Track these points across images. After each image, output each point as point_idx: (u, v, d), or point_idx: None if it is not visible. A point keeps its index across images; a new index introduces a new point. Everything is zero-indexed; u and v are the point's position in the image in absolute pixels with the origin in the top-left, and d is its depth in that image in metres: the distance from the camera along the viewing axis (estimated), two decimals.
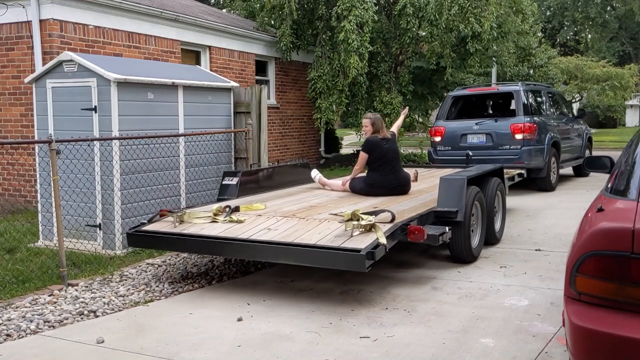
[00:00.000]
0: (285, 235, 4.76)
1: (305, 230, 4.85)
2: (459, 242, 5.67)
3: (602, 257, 2.49)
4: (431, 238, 4.99)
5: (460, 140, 10.82)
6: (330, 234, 4.68)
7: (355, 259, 4.27)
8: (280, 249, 4.62)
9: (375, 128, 6.55)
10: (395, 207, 5.53)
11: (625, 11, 39.63)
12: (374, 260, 4.29)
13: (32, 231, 7.20)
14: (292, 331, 4.15)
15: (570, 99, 29.09)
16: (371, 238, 4.46)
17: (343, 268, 4.50)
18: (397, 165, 6.61)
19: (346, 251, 4.35)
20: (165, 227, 5.35)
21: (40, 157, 6.99)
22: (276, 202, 6.19)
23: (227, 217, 5.34)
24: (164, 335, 4.13)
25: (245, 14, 18.87)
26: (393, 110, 14.32)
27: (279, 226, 5.03)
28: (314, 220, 5.11)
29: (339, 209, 5.58)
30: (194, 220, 5.37)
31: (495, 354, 3.68)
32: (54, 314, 4.62)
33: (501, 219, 6.96)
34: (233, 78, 12.68)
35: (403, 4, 13.37)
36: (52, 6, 9.06)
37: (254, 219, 5.31)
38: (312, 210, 5.64)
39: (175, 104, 7.39)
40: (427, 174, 8.75)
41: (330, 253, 4.40)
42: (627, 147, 3.59)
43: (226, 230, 5.05)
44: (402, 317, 4.38)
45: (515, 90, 10.78)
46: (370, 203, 5.98)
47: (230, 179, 6.73)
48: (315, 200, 6.38)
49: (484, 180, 6.57)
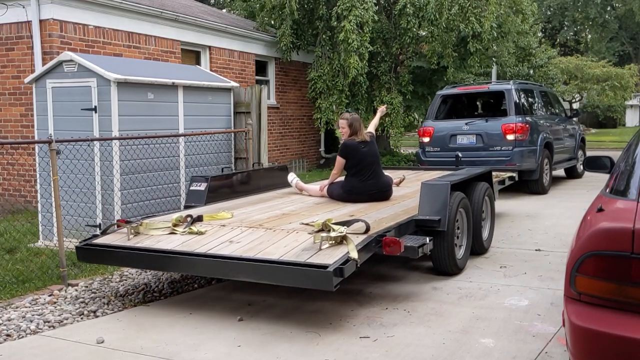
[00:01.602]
0: (247, 249, 4.30)
1: (271, 242, 4.41)
2: (442, 254, 5.21)
3: (602, 257, 2.49)
4: (409, 250, 4.51)
5: (450, 141, 10.40)
6: (297, 247, 4.25)
7: (321, 276, 3.83)
8: (239, 265, 4.16)
9: (352, 130, 6.10)
10: (374, 215, 5.23)
11: (625, 11, 39.65)
12: (342, 278, 3.85)
13: (32, 231, 7.20)
14: (292, 331, 4.15)
15: (570, 99, 29.12)
16: (341, 252, 4.04)
17: (308, 286, 4.08)
18: (378, 170, 6.17)
19: (311, 267, 3.91)
20: (118, 239, 4.84)
21: (40, 157, 6.99)
22: (246, 210, 5.74)
23: (186, 228, 4.87)
24: (164, 336, 4.13)
25: (245, 14, 18.87)
26: (393, 110, 14.33)
27: (243, 238, 4.58)
28: (281, 231, 4.68)
29: (312, 217, 5.19)
30: (151, 231, 4.87)
31: (495, 354, 3.68)
32: (54, 314, 4.62)
33: (490, 227, 6.50)
34: (233, 78, 12.68)
35: (403, 4, 13.37)
36: (52, 6, 9.06)
37: (217, 230, 4.85)
38: (282, 219, 5.21)
39: (175, 104, 7.39)
40: (414, 177, 8.27)
41: (294, 269, 3.96)
42: (627, 147, 3.59)
43: (183, 243, 4.59)
44: (402, 317, 4.38)
45: (507, 89, 10.39)
46: (347, 210, 5.59)
47: (198, 185, 6.25)
48: (289, 207, 5.93)
49: (470, 185, 6.15)
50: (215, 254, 4.32)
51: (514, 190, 10.05)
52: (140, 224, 4.96)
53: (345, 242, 4.17)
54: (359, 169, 6.05)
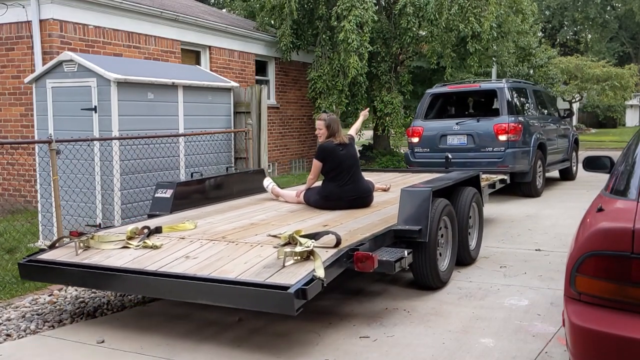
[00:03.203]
0: (203, 267, 3.88)
1: (231, 258, 3.99)
2: (423, 267, 4.77)
3: (602, 257, 2.49)
4: (385, 265, 4.07)
5: (440, 142, 9.99)
6: (258, 263, 3.84)
7: (280, 298, 3.41)
8: (191, 285, 3.73)
9: (330, 132, 5.73)
10: (349, 225, 4.87)
11: (625, 11, 39.65)
12: (305, 300, 3.43)
13: (32, 231, 7.20)
14: (291, 331, 4.16)
15: (570, 99, 29.12)
16: (307, 269, 3.63)
17: (267, 310, 3.63)
18: (357, 174, 5.77)
19: (270, 288, 3.47)
20: (65, 254, 4.42)
21: (40, 157, 6.99)
22: (212, 219, 5.31)
23: (141, 241, 4.45)
24: (164, 336, 4.13)
25: (245, 14, 18.88)
26: (393, 109, 14.34)
27: (201, 253, 4.17)
28: (245, 245, 4.27)
29: (283, 227, 4.80)
30: (102, 245, 4.48)
31: (495, 354, 3.68)
32: (53, 314, 4.62)
33: (477, 235, 6.05)
34: (233, 78, 12.68)
35: (403, 4, 13.38)
36: (52, 6, 9.06)
37: (174, 244, 4.45)
38: (249, 230, 4.78)
39: (175, 104, 7.39)
40: (401, 180, 7.79)
41: (251, 291, 3.53)
42: (627, 147, 3.59)
43: (135, 259, 4.17)
44: (402, 317, 4.38)
45: (499, 88, 9.99)
46: (322, 219, 5.20)
47: (163, 192, 5.84)
48: (260, 215, 5.50)
49: (456, 191, 5.71)
50: (165, 272, 3.88)
51: (507, 192, 9.78)
52: (92, 237, 4.56)
53: (312, 258, 3.76)
54: (337, 173, 5.67)
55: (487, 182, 7.37)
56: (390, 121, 14.51)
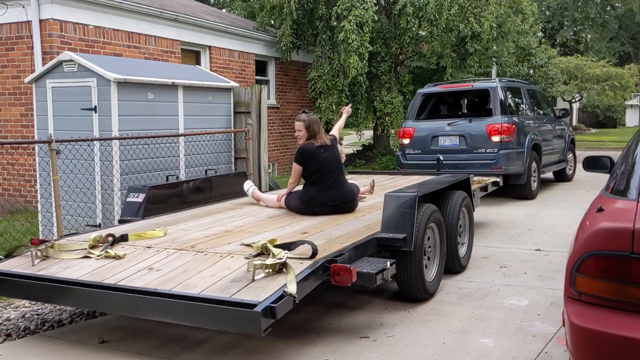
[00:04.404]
0: (165, 280, 3.54)
1: (197, 271, 3.67)
2: (408, 277, 4.48)
3: (602, 257, 2.49)
4: (365, 278, 3.79)
5: (431, 143, 9.69)
6: (226, 277, 3.51)
7: (246, 317, 3.06)
8: (151, 301, 3.38)
9: (310, 133, 5.43)
10: (330, 232, 4.60)
11: (625, 11, 39.64)
12: (274, 319, 3.09)
13: (32, 231, 7.20)
14: (292, 331, 4.15)
15: (570, 99, 29.13)
16: (278, 284, 3.32)
17: (231, 330, 3.30)
18: (339, 178, 5.48)
19: (235, 306, 3.12)
20: (21, 265, 4.09)
21: (40, 157, 6.99)
22: (185, 226, 4.97)
23: (103, 251, 4.11)
24: (165, 336, 4.13)
25: (245, 14, 18.88)
26: (393, 109, 14.35)
27: (166, 265, 3.83)
28: (214, 255, 3.94)
29: (259, 235, 4.49)
30: (62, 255, 4.14)
31: (495, 354, 3.68)
32: (53, 314, 4.62)
33: (468, 241, 5.77)
34: (233, 78, 12.69)
35: (403, 4, 13.38)
36: (52, 6, 9.06)
37: (140, 253, 4.11)
38: (222, 238, 4.44)
39: (175, 104, 7.39)
40: (390, 182, 7.55)
41: (214, 309, 3.17)
42: (627, 147, 3.59)
43: (94, 270, 3.83)
44: (402, 317, 4.38)
45: (492, 87, 9.66)
46: (302, 226, 4.92)
47: (135, 196, 5.49)
48: (237, 221, 5.17)
49: (444, 195, 5.44)
50: (124, 286, 3.54)
51: (507, 193, 9.69)
52: (52, 246, 4.23)
53: (285, 271, 3.45)
54: (318, 177, 5.39)
55: (479, 185, 7.12)
56: (390, 121, 14.51)
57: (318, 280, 3.65)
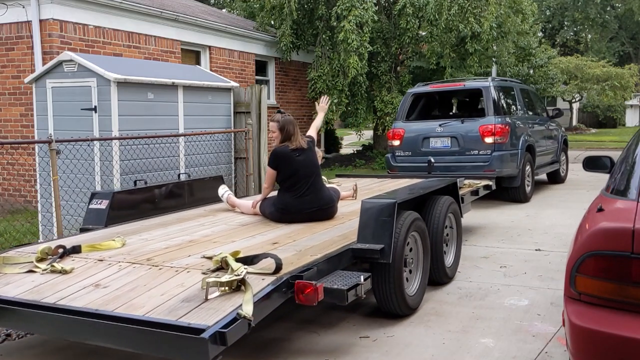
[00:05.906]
0: (110, 300, 3.15)
1: (147, 288, 3.28)
2: (386, 291, 4.12)
3: (602, 257, 2.49)
4: (335, 295, 3.39)
5: (422, 145, 9.31)
6: (177, 295, 3.12)
7: (192, 345, 2.67)
8: (88, 323, 2.97)
9: (285, 134, 5.04)
10: (303, 242, 4.22)
11: (625, 11, 39.68)
12: (225, 347, 2.70)
13: (32, 231, 7.20)
14: (292, 331, 4.16)
15: (570, 99, 29.14)
16: (233, 304, 2.94)
17: (178, 358, 2.78)
18: (317, 183, 5.10)
19: (180, 331, 2.74)
20: None
21: (40, 157, 7.00)
22: (149, 235, 4.60)
23: (49, 264, 3.72)
24: None
25: (245, 14, 18.89)
26: (394, 109, 14.34)
27: (114, 281, 3.44)
28: (169, 270, 3.56)
29: (226, 245, 4.11)
30: (6, 269, 3.75)
31: (495, 354, 3.68)
32: None
33: (455, 250, 5.38)
34: (233, 78, 12.69)
35: (403, 4, 13.39)
36: (52, 6, 9.06)
37: (89, 267, 3.73)
38: (184, 250, 4.07)
39: (175, 104, 7.39)
40: (377, 186, 7.17)
41: (157, 334, 2.78)
42: (627, 147, 3.59)
43: (35, 287, 3.40)
44: (402, 317, 4.38)
45: (484, 87, 9.28)
46: (274, 235, 4.54)
47: (97, 202, 5.11)
48: (205, 230, 4.78)
49: (428, 201, 5.05)
50: (62, 306, 3.12)
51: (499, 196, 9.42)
52: None
53: (244, 289, 3.08)
54: (294, 182, 5.02)
55: (470, 188, 6.73)
56: (390, 121, 14.50)
57: (281, 298, 3.25)
